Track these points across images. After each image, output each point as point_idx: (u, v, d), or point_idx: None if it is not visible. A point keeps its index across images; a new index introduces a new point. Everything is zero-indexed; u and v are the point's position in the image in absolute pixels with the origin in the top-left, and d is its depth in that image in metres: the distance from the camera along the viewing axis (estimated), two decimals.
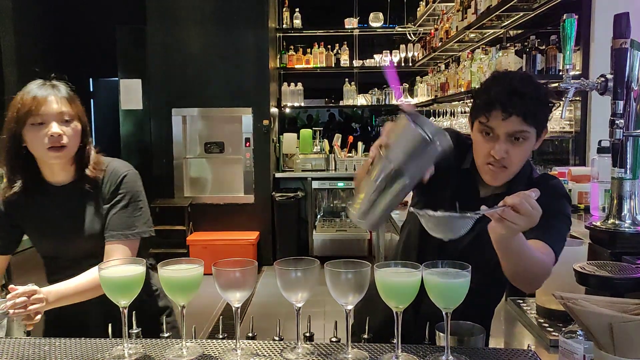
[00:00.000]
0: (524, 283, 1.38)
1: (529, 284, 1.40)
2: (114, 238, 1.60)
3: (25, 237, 1.73)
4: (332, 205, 6.22)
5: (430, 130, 1.09)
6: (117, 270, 1.17)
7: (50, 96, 1.57)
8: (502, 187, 1.47)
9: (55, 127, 1.54)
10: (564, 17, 1.70)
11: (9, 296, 1.41)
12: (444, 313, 1.13)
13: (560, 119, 3.36)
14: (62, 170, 1.63)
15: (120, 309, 1.16)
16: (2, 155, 1.60)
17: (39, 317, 1.45)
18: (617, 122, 1.58)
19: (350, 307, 1.13)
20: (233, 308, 1.16)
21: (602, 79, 1.69)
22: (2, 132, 1.59)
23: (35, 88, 1.59)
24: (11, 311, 1.38)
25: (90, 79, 7.41)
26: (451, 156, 1.24)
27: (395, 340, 1.15)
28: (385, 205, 1.15)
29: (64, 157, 1.58)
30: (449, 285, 1.12)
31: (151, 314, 1.71)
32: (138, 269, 1.17)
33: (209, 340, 1.27)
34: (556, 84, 1.84)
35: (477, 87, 1.49)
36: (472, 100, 1.46)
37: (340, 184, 5.95)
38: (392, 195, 1.13)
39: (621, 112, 1.59)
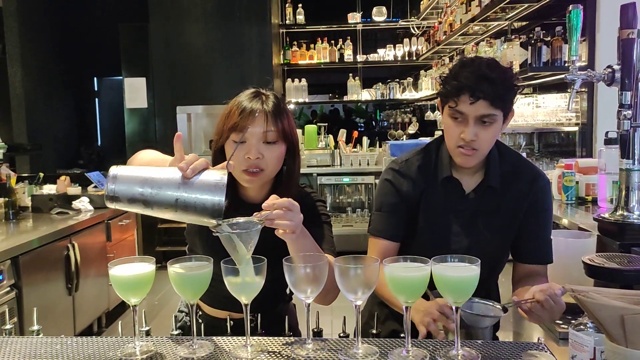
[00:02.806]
0: None
1: None
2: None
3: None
4: (338, 200, 6.21)
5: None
6: (128, 268, 1.17)
7: (257, 112, 1.41)
8: (479, 176, 1.58)
9: (254, 150, 1.39)
10: (570, 8, 1.69)
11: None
12: (453, 307, 1.13)
13: (566, 110, 3.34)
14: (255, 189, 1.49)
15: (131, 305, 1.17)
16: (211, 164, 1.40)
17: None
18: (624, 113, 1.57)
19: (359, 302, 1.13)
20: (242, 304, 1.17)
21: (609, 69, 1.68)
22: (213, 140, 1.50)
23: (245, 100, 1.44)
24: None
25: (95, 78, 7.42)
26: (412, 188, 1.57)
27: (404, 335, 1.15)
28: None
29: (258, 181, 1.44)
30: (458, 279, 1.12)
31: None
32: (148, 268, 1.17)
33: (219, 337, 1.27)
34: (562, 76, 1.84)
35: (445, 74, 1.55)
36: (441, 86, 1.54)
37: (346, 179, 5.94)
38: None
39: (629, 102, 1.59)
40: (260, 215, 1.20)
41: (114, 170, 1.16)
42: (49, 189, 3.84)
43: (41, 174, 4.01)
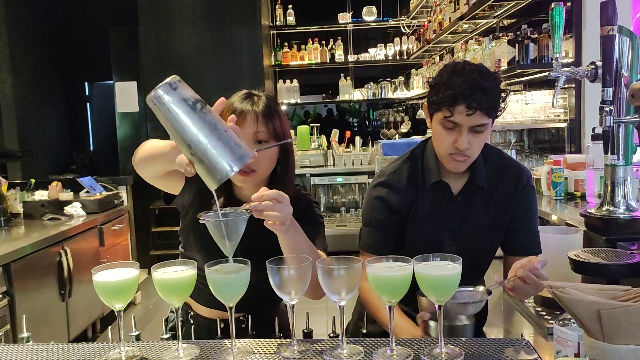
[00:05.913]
0: None
1: None
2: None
3: None
4: (331, 200, 6.22)
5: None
6: (112, 274, 1.18)
7: (247, 113, 1.43)
8: (466, 177, 1.60)
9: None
10: (552, 5, 1.70)
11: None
12: (436, 305, 1.13)
13: (553, 107, 3.36)
14: (249, 188, 1.47)
15: (115, 311, 1.17)
16: None
17: None
18: (606, 109, 1.58)
19: (343, 303, 1.14)
20: (227, 307, 1.17)
21: (592, 66, 1.69)
22: None
23: (236, 101, 1.46)
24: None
25: (86, 83, 7.40)
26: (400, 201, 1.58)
27: (390, 334, 1.16)
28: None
29: (251, 182, 1.45)
30: (440, 278, 1.12)
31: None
32: (132, 273, 1.17)
33: (205, 341, 1.27)
34: (547, 73, 1.84)
35: (434, 78, 1.53)
36: (432, 93, 1.50)
37: (339, 180, 5.94)
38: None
39: (610, 99, 1.59)
40: (248, 206, 1.21)
41: (176, 80, 1.14)
42: (40, 195, 3.83)
43: (32, 180, 4.00)
